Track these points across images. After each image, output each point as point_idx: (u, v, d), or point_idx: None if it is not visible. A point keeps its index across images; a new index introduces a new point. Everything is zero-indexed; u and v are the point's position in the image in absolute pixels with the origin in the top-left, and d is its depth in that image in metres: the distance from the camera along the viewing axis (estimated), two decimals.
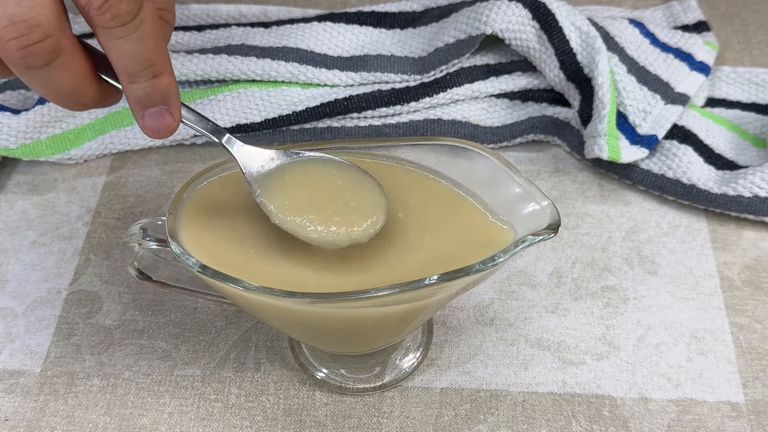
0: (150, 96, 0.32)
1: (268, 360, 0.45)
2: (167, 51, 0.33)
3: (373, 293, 0.33)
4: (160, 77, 0.32)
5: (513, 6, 0.53)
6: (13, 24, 0.29)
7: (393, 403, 0.43)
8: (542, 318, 0.46)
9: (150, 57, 0.31)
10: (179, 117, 0.34)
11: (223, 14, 0.61)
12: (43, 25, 0.29)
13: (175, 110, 0.33)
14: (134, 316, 0.47)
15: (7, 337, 0.46)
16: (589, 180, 0.53)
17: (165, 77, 0.32)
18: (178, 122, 0.34)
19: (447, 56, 0.54)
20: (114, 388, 0.44)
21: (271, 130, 0.55)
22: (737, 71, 0.57)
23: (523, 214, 0.37)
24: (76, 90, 0.32)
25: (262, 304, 0.35)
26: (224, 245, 0.37)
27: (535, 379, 0.44)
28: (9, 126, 0.52)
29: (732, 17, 0.62)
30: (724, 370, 0.44)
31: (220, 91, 0.55)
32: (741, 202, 0.49)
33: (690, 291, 0.47)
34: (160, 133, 0.33)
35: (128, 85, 0.32)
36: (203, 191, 0.39)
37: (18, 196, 0.53)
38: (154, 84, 0.32)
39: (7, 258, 0.50)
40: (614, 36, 0.55)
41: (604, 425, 0.42)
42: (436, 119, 0.54)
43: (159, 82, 0.32)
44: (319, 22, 0.57)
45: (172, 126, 0.33)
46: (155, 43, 0.31)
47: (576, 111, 0.53)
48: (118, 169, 0.54)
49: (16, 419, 0.43)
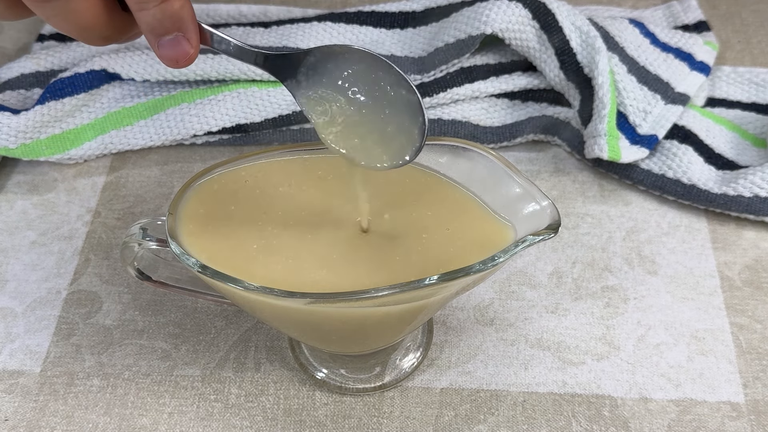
0: (162, 22, 0.30)
1: (268, 360, 0.45)
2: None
3: (373, 293, 0.33)
4: (171, 1, 0.30)
5: (513, 6, 0.53)
6: None
7: (393, 403, 0.43)
8: (542, 318, 0.46)
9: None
10: (197, 43, 0.32)
11: (223, 14, 0.61)
12: None
13: (192, 36, 0.31)
14: (134, 316, 0.47)
15: (7, 337, 0.46)
16: (589, 180, 0.53)
17: (176, 1, 0.30)
18: (197, 49, 0.32)
19: (447, 56, 0.54)
20: (114, 388, 0.44)
21: (271, 130, 0.55)
22: (737, 71, 0.57)
23: (523, 214, 0.37)
24: (95, 21, 0.31)
25: (262, 304, 0.35)
26: (224, 245, 0.37)
27: (535, 379, 0.44)
28: (9, 126, 0.52)
29: (732, 17, 0.62)
30: (725, 370, 0.44)
31: (220, 91, 0.55)
32: (741, 202, 0.49)
33: (690, 291, 0.47)
34: (179, 62, 0.32)
35: (138, 12, 0.30)
36: (203, 191, 0.39)
37: (18, 196, 0.53)
38: (165, 9, 0.30)
39: (7, 258, 0.50)
40: (614, 36, 0.55)
41: (604, 425, 0.42)
42: (436, 119, 0.54)
43: (170, 7, 0.30)
44: (319, 22, 0.57)
45: (190, 53, 0.31)
46: None
47: (576, 111, 0.53)
48: (118, 169, 0.54)
49: (16, 419, 0.43)
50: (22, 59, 0.57)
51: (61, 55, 0.57)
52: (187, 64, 0.32)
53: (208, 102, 0.54)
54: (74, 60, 0.57)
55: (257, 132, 0.55)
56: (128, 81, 0.56)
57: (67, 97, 0.53)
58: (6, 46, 0.63)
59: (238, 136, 0.55)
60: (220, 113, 0.54)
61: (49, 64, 0.57)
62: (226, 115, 0.54)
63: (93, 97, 0.55)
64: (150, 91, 0.55)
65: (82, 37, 0.31)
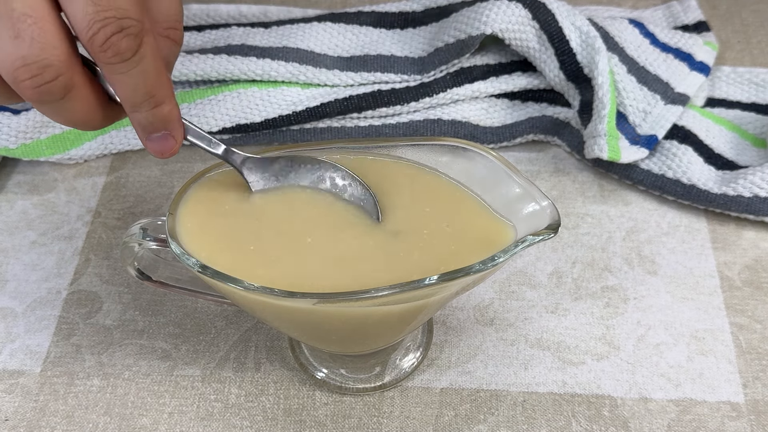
0: (152, 123, 0.34)
1: (268, 360, 0.45)
2: (170, 79, 0.34)
3: (373, 293, 0.33)
4: (161, 106, 0.33)
5: (513, 6, 0.53)
6: (26, 65, 0.30)
7: (393, 403, 0.43)
8: (542, 318, 0.46)
9: (150, 89, 0.33)
10: (181, 139, 0.35)
11: (223, 14, 0.61)
12: (55, 65, 0.30)
13: (177, 134, 0.35)
14: (134, 316, 0.47)
15: (7, 337, 0.46)
16: (589, 180, 0.53)
17: (166, 105, 0.34)
18: (180, 143, 0.35)
19: (447, 56, 0.54)
20: (114, 388, 0.44)
21: (271, 130, 0.55)
22: (737, 71, 0.57)
23: (523, 214, 0.37)
24: (88, 117, 0.33)
25: (262, 304, 0.35)
26: (224, 245, 0.37)
27: (535, 379, 0.44)
28: (9, 126, 0.52)
29: (732, 17, 0.62)
30: (724, 370, 0.44)
31: (220, 91, 0.55)
32: (741, 202, 0.49)
33: (690, 291, 0.47)
34: (164, 154, 0.35)
35: (132, 113, 0.34)
36: (203, 191, 0.39)
37: (18, 196, 0.53)
38: (156, 113, 0.33)
39: (7, 258, 0.50)
40: (614, 36, 0.55)
41: (604, 425, 0.42)
42: (436, 119, 0.54)
43: (160, 111, 0.33)
44: (319, 22, 0.57)
45: (174, 148, 0.35)
46: (156, 76, 0.32)
47: (576, 111, 0.53)
48: (118, 169, 0.54)
49: (16, 419, 0.43)
50: None
51: None
52: (170, 156, 0.35)
53: (208, 102, 0.54)
54: None
55: (257, 132, 0.55)
56: None
57: None
58: None
59: (238, 136, 0.55)
60: (220, 113, 0.54)
61: None
62: (226, 115, 0.54)
63: None
64: None
65: (76, 127, 0.34)
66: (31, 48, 0.30)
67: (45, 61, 0.30)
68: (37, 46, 0.30)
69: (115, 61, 0.31)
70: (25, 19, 0.30)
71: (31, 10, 0.30)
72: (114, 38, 0.30)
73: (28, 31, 0.30)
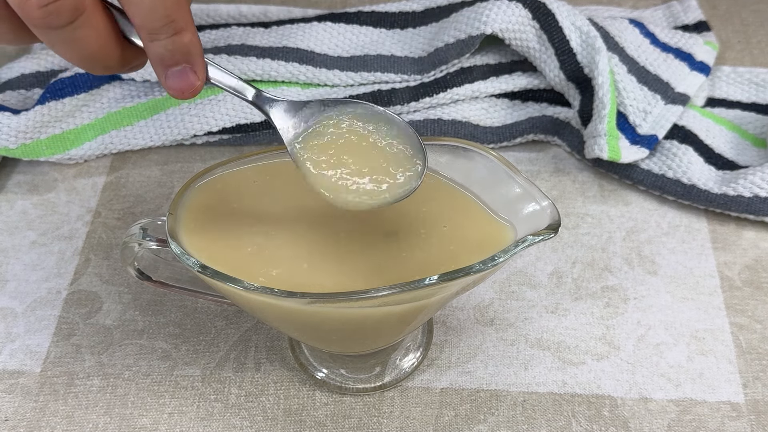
0: (172, 54, 0.31)
1: (268, 360, 0.45)
2: (189, 8, 0.32)
3: (373, 293, 0.33)
4: (182, 34, 0.31)
5: (513, 6, 0.53)
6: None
7: (393, 403, 0.43)
8: (542, 318, 0.46)
9: (170, 13, 0.30)
10: (204, 76, 0.33)
11: (223, 14, 0.61)
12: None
13: (199, 69, 0.32)
14: (134, 316, 0.47)
15: (7, 337, 0.46)
16: (589, 180, 0.53)
17: (187, 34, 0.31)
18: (203, 81, 0.33)
19: (447, 56, 0.54)
20: (114, 388, 0.44)
21: (271, 130, 0.55)
22: (737, 71, 0.57)
23: (523, 214, 0.37)
24: (100, 51, 0.31)
25: (262, 304, 0.35)
26: (224, 245, 0.37)
27: (535, 379, 0.44)
28: (9, 126, 0.52)
29: (732, 17, 0.62)
30: (724, 370, 0.44)
31: (220, 91, 0.55)
32: (741, 202, 0.49)
33: (690, 291, 0.47)
34: (184, 93, 0.32)
35: (149, 43, 0.31)
36: (203, 191, 0.39)
37: (18, 196, 0.53)
38: (175, 41, 0.31)
39: (7, 258, 0.50)
40: (614, 36, 0.55)
41: (604, 425, 0.42)
42: (436, 119, 0.54)
43: (180, 39, 0.31)
44: (319, 22, 0.57)
45: (196, 85, 0.32)
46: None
47: (576, 111, 0.53)
48: (118, 169, 0.54)
49: (16, 419, 0.43)
50: (23, 59, 0.57)
51: None
52: (192, 95, 0.32)
53: (208, 102, 0.54)
54: None
55: (257, 132, 0.55)
56: (128, 81, 0.56)
57: (67, 97, 0.53)
58: (6, 46, 0.63)
59: (238, 136, 0.55)
60: (220, 113, 0.54)
61: (49, 64, 0.57)
62: (226, 115, 0.54)
63: (93, 97, 0.55)
64: (150, 91, 0.55)
65: (86, 66, 0.32)
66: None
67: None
68: None
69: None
70: None
71: None
72: None
73: None
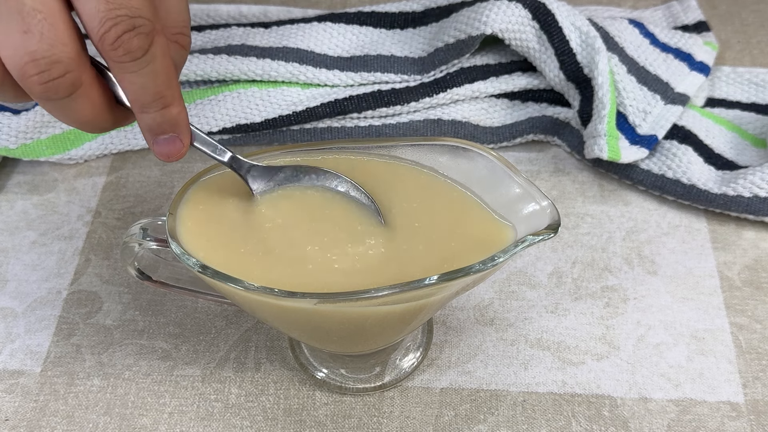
0: (160, 125, 0.34)
1: (268, 360, 0.45)
2: (178, 82, 0.34)
3: (373, 293, 0.33)
4: (170, 108, 0.33)
5: (513, 6, 0.53)
6: (35, 60, 0.30)
7: (393, 403, 0.43)
8: (542, 318, 0.46)
9: (160, 90, 0.32)
10: (188, 142, 0.35)
11: (223, 14, 0.61)
12: (64, 61, 0.30)
13: (184, 137, 0.35)
14: (134, 316, 0.47)
15: (7, 337, 0.46)
16: (589, 180, 0.53)
17: (175, 107, 0.33)
18: (188, 147, 0.35)
19: (447, 56, 0.54)
20: (114, 388, 0.44)
21: (271, 130, 0.55)
22: (737, 71, 0.57)
23: (523, 214, 0.37)
24: (95, 118, 0.33)
25: (262, 304, 0.35)
26: (224, 245, 0.37)
27: (535, 379, 0.44)
28: (9, 126, 0.52)
29: (732, 17, 0.62)
30: (724, 370, 0.44)
31: (220, 91, 0.55)
32: (741, 202, 0.49)
33: (690, 291, 0.47)
34: (170, 158, 0.35)
35: (140, 114, 0.33)
36: (203, 191, 0.39)
37: (18, 196, 0.53)
38: (164, 114, 0.33)
39: (7, 258, 0.50)
40: (614, 36, 0.55)
41: (604, 425, 0.42)
42: (436, 119, 0.54)
43: (168, 113, 0.33)
44: (319, 22, 0.57)
45: (182, 151, 0.35)
46: (166, 76, 0.32)
47: (576, 111, 0.53)
48: (118, 169, 0.54)
49: (16, 419, 0.43)
50: None
51: None
52: (177, 159, 0.35)
53: (208, 102, 0.54)
54: None
55: (257, 132, 0.55)
56: None
57: None
58: None
59: (238, 136, 0.55)
60: (220, 113, 0.54)
61: None
62: (226, 115, 0.54)
63: None
64: None
65: (80, 128, 0.34)
66: (41, 43, 0.30)
67: (54, 57, 0.30)
68: (46, 42, 0.30)
69: (126, 60, 0.31)
70: (36, 14, 0.30)
71: (42, 5, 0.30)
72: (125, 36, 0.30)
73: (38, 27, 0.30)
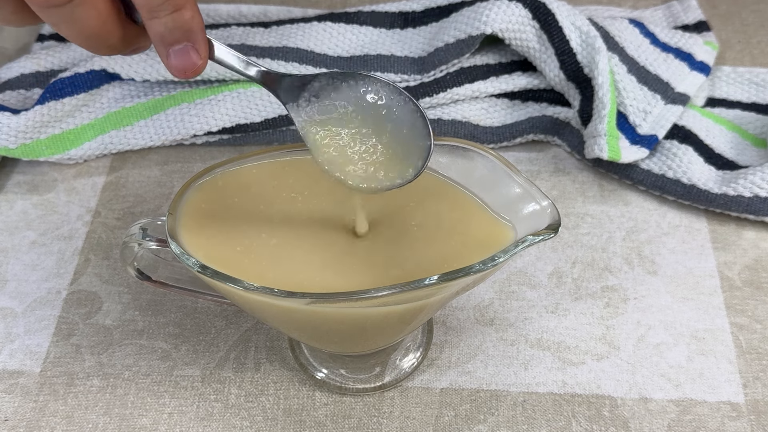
0: (172, 32, 0.31)
1: (268, 360, 0.45)
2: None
3: (373, 293, 0.33)
4: (182, 11, 0.30)
5: (513, 6, 0.53)
6: None
7: (393, 403, 0.43)
8: (542, 318, 0.46)
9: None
10: (206, 54, 0.32)
11: (223, 14, 0.61)
12: None
13: (200, 47, 0.31)
14: (134, 316, 0.47)
15: (7, 337, 0.46)
16: (589, 180, 0.53)
17: (187, 11, 0.30)
18: (206, 60, 0.32)
19: (447, 56, 0.54)
20: (114, 388, 0.44)
21: (271, 130, 0.55)
22: (737, 71, 0.57)
23: (523, 214, 0.37)
24: (102, 29, 0.30)
25: (262, 304, 0.35)
26: (224, 245, 0.37)
27: (535, 379, 0.44)
28: (9, 126, 0.52)
29: (732, 17, 0.62)
30: (724, 370, 0.44)
31: (220, 91, 0.55)
32: (741, 202, 0.49)
33: (690, 291, 0.47)
34: (186, 72, 0.32)
35: (149, 21, 0.30)
36: (203, 191, 0.39)
37: (18, 196, 0.53)
38: (176, 18, 0.30)
39: (7, 258, 0.50)
40: (614, 36, 0.55)
41: (604, 425, 0.42)
42: (436, 119, 0.54)
43: (181, 17, 0.30)
44: (319, 22, 0.57)
45: (198, 64, 0.32)
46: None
47: (576, 111, 0.53)
48: (118, 169, 0.54)
49: (16, 419, 0.43)
50: (22, 59, 0.57)
51: (61, 55, 0.57)
52: (194, 74, 0.32)
53: (208, 102, 0.54)
54: (74, 60, 0.57)
55: (257, 132, 0.55)
56: (128, 81, 0.56)
57: (67, 97, 0.53)
58: (6, 46, 0.63)
59: (238, 136, 0.55)
60: (220, 113, 0.54)
61: (49, 64, 0.57)
62: (226, 115, 0.54)
63: (93, 97, 0.55)
64: (150, 91, 0.55)
65: (88, 45, 0.31)
66: None
67: None
68: None
69: None
70: None
71: None
72: None
73: None
